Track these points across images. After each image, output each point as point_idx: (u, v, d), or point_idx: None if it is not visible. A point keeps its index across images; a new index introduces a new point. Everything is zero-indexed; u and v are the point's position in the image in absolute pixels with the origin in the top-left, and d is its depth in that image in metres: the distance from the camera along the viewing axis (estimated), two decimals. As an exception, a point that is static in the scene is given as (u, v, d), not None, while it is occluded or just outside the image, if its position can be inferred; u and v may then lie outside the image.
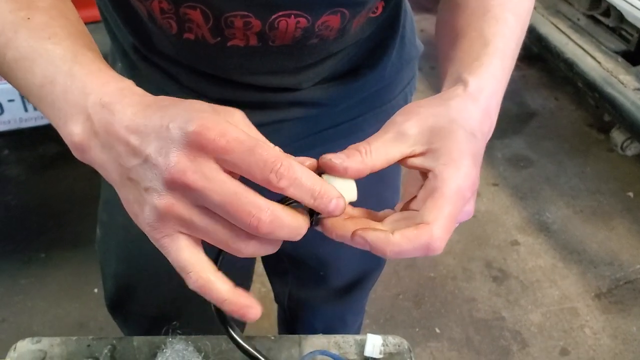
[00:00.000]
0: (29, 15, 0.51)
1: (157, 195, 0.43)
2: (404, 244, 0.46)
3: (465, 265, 2.21)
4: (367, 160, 0.49)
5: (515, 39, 0.63)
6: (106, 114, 0.45)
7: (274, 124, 0.81)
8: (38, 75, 0.49)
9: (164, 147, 0.42)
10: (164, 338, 0.82)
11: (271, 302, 1.37)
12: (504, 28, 0.62)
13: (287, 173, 0.42)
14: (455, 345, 1.94)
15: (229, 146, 0.41)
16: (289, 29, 0.64)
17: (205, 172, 0.42)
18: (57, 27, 0.51)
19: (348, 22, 0.67)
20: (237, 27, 0.64)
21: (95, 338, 0.86)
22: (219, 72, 0.75)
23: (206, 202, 0.42)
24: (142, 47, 0.77)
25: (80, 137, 0.46)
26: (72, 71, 0.48)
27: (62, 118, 0.47)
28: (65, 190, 2.36)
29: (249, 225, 0.42)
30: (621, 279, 2.17)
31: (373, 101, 0.87)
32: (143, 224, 0.45)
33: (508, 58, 0.61)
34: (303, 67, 0.75)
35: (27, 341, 0.85)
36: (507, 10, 0.63)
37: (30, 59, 0.49)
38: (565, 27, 2.69)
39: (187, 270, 0.45)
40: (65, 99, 0.47)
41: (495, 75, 0.58)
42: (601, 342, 1.96)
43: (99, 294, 1.96)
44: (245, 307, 0.46)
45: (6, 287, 2.00)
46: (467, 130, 0.52)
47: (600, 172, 2.65)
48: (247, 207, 0.42)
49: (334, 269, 1.06)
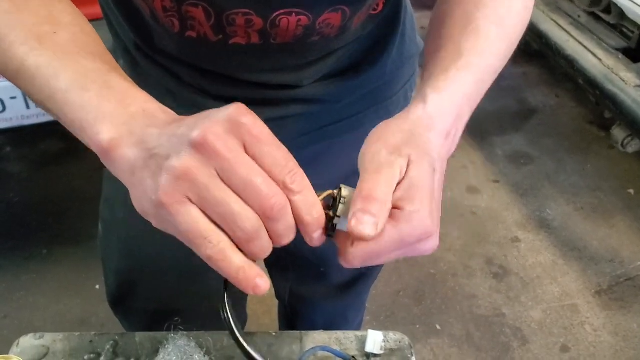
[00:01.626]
0: (54, 30, 0.52)
1: (177, 158, 0.43)
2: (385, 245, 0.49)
3: (465, 262, 2.21)
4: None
5: (496, 52, 0.63)
6: (148, 118, 0.47)
7: (275, 120, 0.81)
8: (65, 82, 0.49)
9: (200, 120, 0.44)
10: (166, 334, 0.82)
11: (272, 298, 1.37)
12: (484, 42, 0.61)
13: (301, 180, 0.45)
14: (455, 342, 1.94)
15: (262, 135, 0.44)
16: (290, 27, 0.65)
17: (236, 146, 0.43)
18: (83, 44, 0.53)
19: (349, 19, 0.68)
20: (238, 25, 0.64)
21: (97, 334, 0.86)
22: (221, 69, 0.75)
23: (230, 173, 0.43)
24: (143, 45, 0.77)
25: (111, 136, 0.47)
26: (110, 83, 0.49)
27: (91, 121, 0.48)
28: (67, 187, 2.37)
29: (269, 205, 0.43)
30: (622, 276, 2.17)
31: (374, 98, 0.88)
32: (152, 193, 0.44)
33: (483, 72, 0.61)
34: (304, 65, 0.75)
35: (30, 337, 0.85)
36: (491, 23, 0.63)
37: (56, 66, 0.50)
38: (565, 24, 2.69)
39: (204, 236, 0.44)
40: (100, 105, 0.48)
41: (464, 93, 0.58)
42: (602, 339, 1.97)
43: (100, 290, 1.97)
44: (257, 276, 0.45)
45: (8, 283, 2.00)
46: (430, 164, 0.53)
47: (601, 169, 2.66)
48: (272, 187, 0.44)
49: (335, 266, 1.06)
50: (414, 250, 0.51)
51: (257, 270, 0.45)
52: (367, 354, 0.81)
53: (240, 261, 0.45)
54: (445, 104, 0.56)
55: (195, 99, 0.79)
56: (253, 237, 0.44)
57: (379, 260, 0.51)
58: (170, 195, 0.43)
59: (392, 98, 0.90)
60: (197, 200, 0.44)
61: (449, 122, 0.56)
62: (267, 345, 0.84)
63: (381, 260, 0.51)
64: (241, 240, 0.45)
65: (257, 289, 0.45)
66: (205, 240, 0.44)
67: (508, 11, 0.65)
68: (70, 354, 0.83)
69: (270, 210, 0.43)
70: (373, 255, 0.49)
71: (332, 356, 0.82)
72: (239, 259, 0.45)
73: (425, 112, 0.56)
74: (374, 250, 0.49)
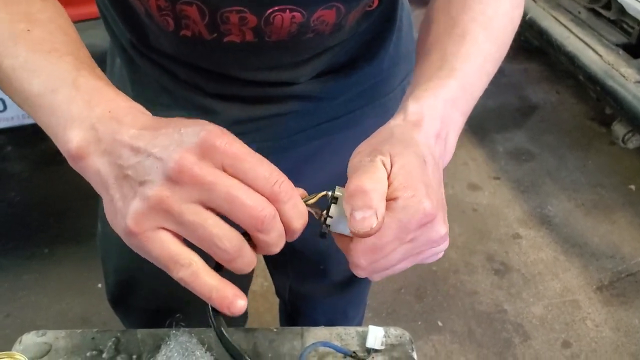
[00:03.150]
0: (28, 27, 0.52)
1: (151, 186, 0.42)
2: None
3: (467, 259, 2.21)
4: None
5: (485, 54, 0.62)
6: (114, 124, 0.45)
7: (271, 117, 0.81)
8: (37, 84, 0.49)
9: (172, 145, 0.42)
10: (167, 330, 0.82)
11: (273, 296, 1.38)
12: (470, 46, 0.61)
13: (287, 189, 0.44)
14: (457, 338, 1.94)
15: (239, 153, 0.43)
16: (285, 24, 0.65)
17: (212, 170, 0.42)
18: (58, 43, 0.51)
19: (344, 16, 0.67)
20: (232, 23, 0.64)
21: (99, 331, 0.86)
22: (216, 67, 0.75)
23: (212, 195, 0.42)
24: (139, 43, 0.77)
25: (79, 144, 0.46)
26: (77, 83, 0.48)
27: (62, 125, 0.47)
28: (68, 186, 2.37)
29: (259, 218, 0.43)
30: (623, 272, 2.17)
31: (371, 94, 0.88)
32: (122, 219, 0.44)
33: (471, 76, 0.60)
34: (300, 62, 0.75)
35: (33, 334, 0.85)
36: (478, 25, 0.62)
37: (29, 68, 0.50)
38: (566, 21, 2.69)
39: (174, 260, 0.44)
40: (68, 108, 0.47)
41: (446, 99, 0.57)
42: (603, 335, 1.97)
43: (101, 289, 1.97)
44: (233, 296, 0.44)
45: (10, 282, 2.01)
46: (417, 155, 0.52)
47: (602, 165, 2.66)
48: (257, 200, 0.43)
49: (335, 263, 1.06)
50: (424, 245, 0.50)
51: (232, 291, 0.45)
52: (368, 350, 0.81)
53: (213, 282, 0.44)
54: (426, 111, 0.55)
55: (192, 96, 0.79)
56: (235, 256, 0.44)
57: (387, 259, 0.49)
58: (141, 225, 0.43)
59: (390, 94, 0.90)
60: (174, 228, 0.43)
61: (435, 125, 0.55)
62: (269, 341, 0.84)
63: (390, 259, 0.50)
64: (224, 261, 0.44)
65: (232, 308, 0.44)
66: (177, 264, 0.44)
67: (495, 12, 0.64)
68: (73, 351, 0.83)
69: (261, 224, 0.43)
70: (376, 250, 0.49)
71: (333, 352, 0.82)
72: (212, 279, 0.44)
73: (406, 121, 0.55)
74: (376, 244, 0.48)
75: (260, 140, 0.85)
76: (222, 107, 0.79)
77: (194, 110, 0.80)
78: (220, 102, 0.79)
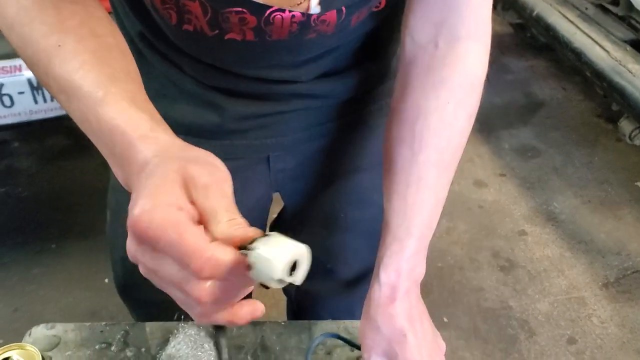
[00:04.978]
0: (59, 42, 0.54)
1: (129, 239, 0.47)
2: None
3: (472, 255, 2.21)
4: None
5: (439, 189, 0.72)
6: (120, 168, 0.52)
7: (275, 115, 0.82)
8: (75, 111, 0.54)
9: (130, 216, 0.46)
10: (176, 323, 0.83)
11: (279, 293, 1.38)
12: (425, 192, 0.70)
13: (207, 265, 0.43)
14: (463, 334, 1.95)
15: (155, 235, 0.44)
16: (285, 24, 0.64)
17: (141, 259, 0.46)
18: (87, 54, 0.54)
19: (345, 17, 0.67)
20: (233, 23, 0.64)
21: (108, 324, 0.87)
22: (219, 63, 0.75)
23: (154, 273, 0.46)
24: (148, 34, 0.77)
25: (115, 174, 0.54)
26: (99, 115, 0.52)
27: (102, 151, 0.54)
28: (75, 182, 2.39)
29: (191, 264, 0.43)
30: (629, 269, 2.17)
31: (376, 94, 0.88)
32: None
33: (428, 219, 0.71)
34: (302, 61, 0.75)
35: (42, 327, 0.86)
36: (432, 166, 0.70)
37: (65, 92, 0.54)
38: (573, 17, 2.68)
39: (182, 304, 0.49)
40: (98, 138, 0.53)
41: (408, 257, 0.71)
42: (609, 331, 1.97)
43: (109, 284, 1.98)
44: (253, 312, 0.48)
45: (19, 276, 2.02)
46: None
47: (609, 162, 2.65)
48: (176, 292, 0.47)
49: (342, 262, 1.06)
50: None
51: (247, 308, 0.48)
52: None
53: (223, 316, 0.47)
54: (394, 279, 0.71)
55: (197, 90, 0.79)
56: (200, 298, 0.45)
57: None
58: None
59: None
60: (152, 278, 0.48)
61: (405, 284, 0.71)
62: (276, 335, 0.85)
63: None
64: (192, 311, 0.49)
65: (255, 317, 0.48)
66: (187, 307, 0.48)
67: (448, 143, 0.70)
68: (82, 343, 0.84)
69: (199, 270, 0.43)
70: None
71: (341, 344, 0.83)
72: (221, 316, 0.47)
73: (381, 294, 0.71)
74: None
75: (264, 137, 0.86)
76: (227, 102, 0.80)
77: (199, 104, 0.80)
78: (225, 97, 0.79)
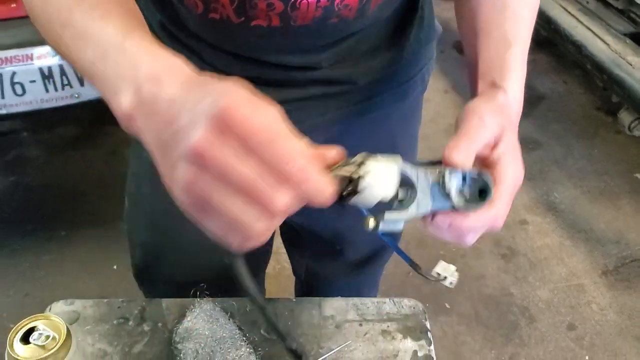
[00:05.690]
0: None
1: (182, 169, 0.42)
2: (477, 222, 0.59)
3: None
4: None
5: (530, 31, 0.72)
6: (155, 85, 0.46)
7: (294, 101, 0.84)
8: (90, 52, 0.51)
9: (193, 121, 0.41)
10: (191, 300, 0.86)
11: (286, 278, 1.41)
12: (522, 25, 0.71)
13: (303, 168, 0.42)
14: (464, 320, 1.98)
15: (253, 129, 0.41)
16: (310, 8, 0.67)
17: (224, 156, 0.41)
18: (109, 5, 0.54)
19: (366, 2, 0.70)
20: (260, 9, 0.67)
21: (125, 300, 0.90)
22: (241, 50, 0.78)
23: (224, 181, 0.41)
24: (169, 23, 0.80)
25: (128, 106, 0.47)
26: (124, 46, 0.50)
27: (113, 90, 0.48)
28: (83, 171, 2.41)
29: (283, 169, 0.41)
30: (627, 257, 2.21)
31: (392, 80, 0.90)
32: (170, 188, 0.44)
33: (526, 52, 0.70)
34: (323, 47, 0.78)
35: (61, 303, 0.90)
36: (524, 5, 0.72)
37: (83, 37, 0.52)
38: (574, 10, 2.70)
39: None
40: (117, 72, 0.49)
41: (520, 77, 0.68)
42: (607, 318, 2.00)
43: (118, 271, 2.02)
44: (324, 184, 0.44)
45: (30, 262, 2.06)
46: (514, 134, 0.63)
47: (608, 153, 2.68)
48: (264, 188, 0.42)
49: (351, 244, 1.09)
50: None
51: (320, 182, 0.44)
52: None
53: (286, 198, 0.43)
54: (518, 91, 0.67)
55: None
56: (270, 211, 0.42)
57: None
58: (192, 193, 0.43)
59: (409, 81, 0.92)
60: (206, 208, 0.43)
61: (519, 110, 0.67)
62: (288, 310, 0.89)
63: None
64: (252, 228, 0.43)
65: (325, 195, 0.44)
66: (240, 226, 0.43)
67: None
68: (100, 319, 0.88)
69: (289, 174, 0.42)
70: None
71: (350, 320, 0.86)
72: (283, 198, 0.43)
73: (508, 100, 0.65)
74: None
75: None
76: None
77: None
78: None
